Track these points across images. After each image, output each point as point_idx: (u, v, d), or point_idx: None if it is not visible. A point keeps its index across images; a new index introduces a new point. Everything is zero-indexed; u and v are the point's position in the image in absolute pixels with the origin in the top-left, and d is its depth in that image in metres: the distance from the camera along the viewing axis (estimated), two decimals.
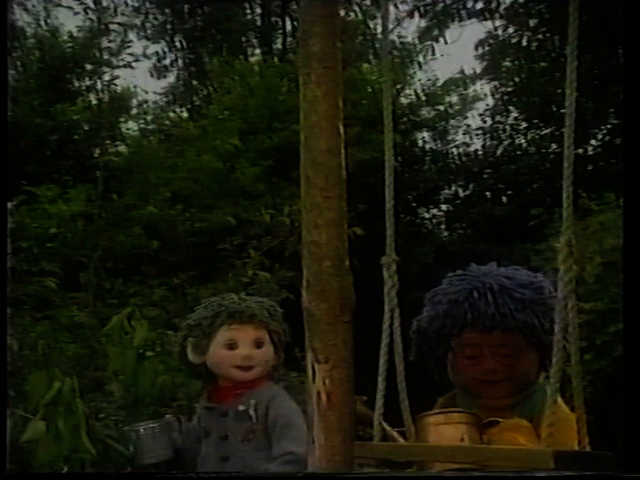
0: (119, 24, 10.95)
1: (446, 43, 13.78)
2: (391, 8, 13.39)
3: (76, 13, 10.24)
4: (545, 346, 2.16)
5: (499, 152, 13.19)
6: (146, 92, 13.68)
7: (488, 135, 13.40)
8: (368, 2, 14.22)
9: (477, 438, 1.92)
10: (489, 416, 2.07)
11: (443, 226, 13.68)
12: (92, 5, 10.49)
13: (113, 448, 3.17)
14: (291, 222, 7.15)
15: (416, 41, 14.36)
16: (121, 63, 10.17)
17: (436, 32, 13.79)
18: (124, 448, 3.11)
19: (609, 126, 11.81)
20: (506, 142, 13.17)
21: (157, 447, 2.97)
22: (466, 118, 14.21)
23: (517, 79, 12.81)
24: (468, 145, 13.65)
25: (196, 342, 3.00)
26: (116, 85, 10.94)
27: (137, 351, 3.60)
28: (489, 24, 13.14)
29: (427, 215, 13.51)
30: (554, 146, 11.99)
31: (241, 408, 2.90)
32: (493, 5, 12.85)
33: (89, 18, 10.99)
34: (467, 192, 13.26)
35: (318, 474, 1.48)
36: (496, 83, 13.28)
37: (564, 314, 1.55)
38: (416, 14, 13.45)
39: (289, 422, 2.82)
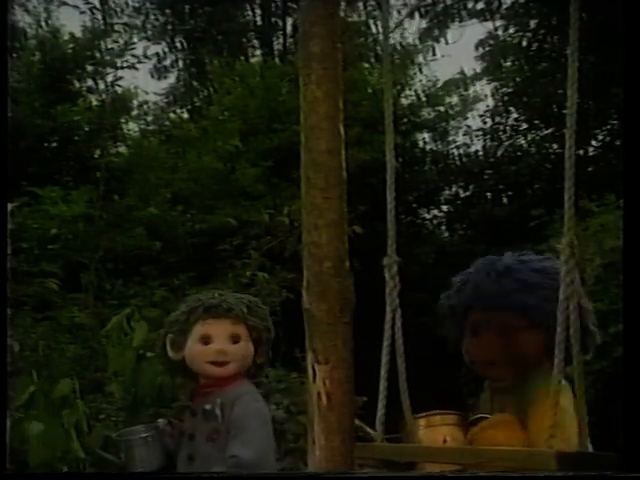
0: (124, 25, 10.94)
1: (447, 43, 13.81)
2: (392, 9, 13.42)
3: (82, 12, 10.23)
4: (550, 331, 2.15)
5: (499, 153, 13.19)
6: (147, 93, 13.69)
7: (488, 136, 13.41)
8: (369, 3, 14.23)
9: (462, 438, 1.92)
10: (499, 400, 2.05)
11: (444, 227, 13.69)
12: (98, 5, 10.49)
13: (104, 458, 3.15)
14: (290, 222, 7.15)
15: (417, 42, 14.38)
16: (124, 64, 10.17)
17: (437, 32, 13.81)
18: (115, 458, 3.08)
19: (609, 127, 11.81)
20: (506, 143, 13.17)
21: (150, 457, 2.90)
22: (466, 119, 14.22)
23: (518, 80, 12.81)
24: (468, 146, 13.66)
25: (174, 338, 2.96)
26: (117, 86, 10.95)
27: (137, 352, 3.60)
28: (490, 25, 13.16)
29: (427, 216, 13.51)
30: (555, 147, 12.00)
31: (207, 407, 2.83)
32: (494, 6, 12.85)
33: (94, 18, 11.00)
34: (467, 193, 13.26)
35: (320, 474, 1.48)
36: (496, 84, 13.29)
37: (566, 315, 1.55)
38: (417, 15, 13.47)
39: (244, 424, 2.74)
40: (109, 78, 10.33)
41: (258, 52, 15.28)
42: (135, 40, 11.82)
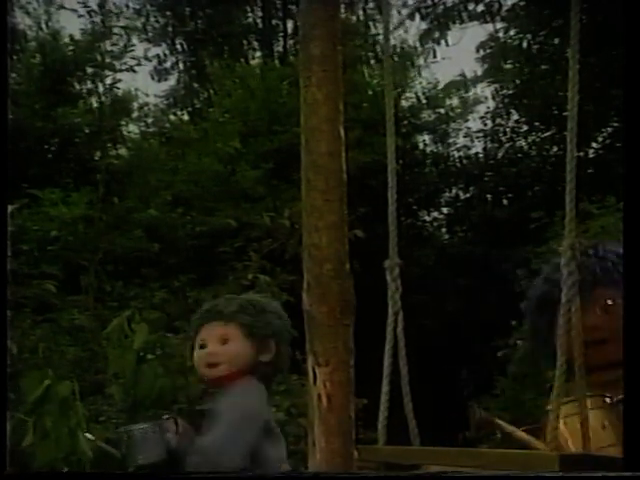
0: (123, 27, 10.95)
1: (447, 45, 13.81)
2: (392, 11, 13.43)
3: (80, 16, 10.25)
4: None
5: (500, 155, 13.20)
6: (147, 95, 13.74)
7: (489, 138, 13.41)
8: (369, 5, 14.25)
9: (618, 422, 1.75)
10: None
11: (444, 229, 13.69)
12: (96, 8, 10.50)
13: (104, 450, 3.16)
14: (291, 224, 7.15)
15: (417, 44, 14.39)
16: (123, 66, 10.18)
17: (437, 35, 13.81)
18: (115, 450, 3.09)
19: (610, 129, 11.81)
20: (507, 145, 13.18)
21: (148, 448, 2.94)
22: (467, 121, 14.23)
23: (518, 82, 12.82)
24: (469, 148, 13.66)
25: (190, 346, 3.07)
26: (117, 88, 10.96)
27: (137, 354, 3.60)
28: (490, 27, 13.17)
29: (428, 218, 13.52)
30: (555, 149, 12.01)
31: (211, 407, 2.90)
32: (494, 8, 12.87)
33: (92, 21, 11.01)
34: (468, 195, 13.27)
35: (324, 474, 1.48)
36: (497, 86, 13.29)
37: (568, 317, 1.55)
38: (417, 16, 13.48)
39: (225, 419, 2.78)
40: (109, 80, 10.35)
41: (258, 54, 15.30)
42: (135, 42, 11.83)
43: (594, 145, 12.00)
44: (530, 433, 1.86)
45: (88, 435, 3.35)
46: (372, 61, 13.45)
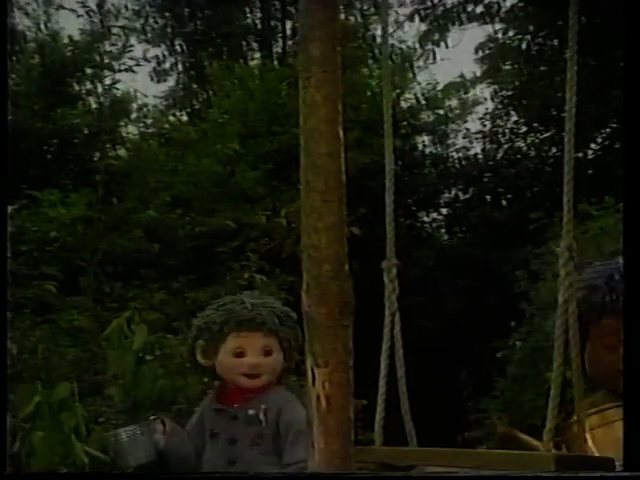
0: (121, 27, 10.95)
1: (446, 47, 13.80)
2: (391, 12, 13.43)
3: (79, 16, 10.25)
4: None
5: (499, 156, 13.20)
6: (146, 96, 13.69)
7: (488, 139, 13.41)
8: (369, 6, 14.25)
9: None
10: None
11: (443, 230, 13.69)
12: (95, 8, 10.50)
13: (93, 456, 3.15)
14: (288, 224, 7.15)
15: (416, 45, 14.38)
16: (122, 67, 10.18)
17: (436, 36, 13.81)
18: (103, 454, 3.09)
19: (609, 130, 11.81)
20: (506, 146, 13.18)
21: (137, 450, 2.93)
22: (466, 122, 14.23)
23: (517, 83, 12.82)
24: (468, 149, 13.66)
25: (205, 346, 3.01)
26: (117, 89, 10.96)
27: (137, 355, 3.61)
28: (489, 28, 13.17)
29: (427, 219, 13.52)
30: (554, 150, 12.01)
31: (251, 412, 2.89)
32: (493, 9, 12.87)
33: (91, 21, 11.01)
34: (467, 196, 13.27)
35: (323, 474, 1.48)
36: (496, 87, 13.29)
37: (565, 319, 1.55)
38: (416, 18, 13.48)
39: (301, 430, 2.76)
40: (108, 81, 10.35)
41: (257, 55, 15.29)
42: (134, 43, 11.85)
43: (593, 146, 12.00)
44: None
45: (76, 442, 3.35)
46: (371, 62, 13.46)
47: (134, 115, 12.94)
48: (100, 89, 10.72)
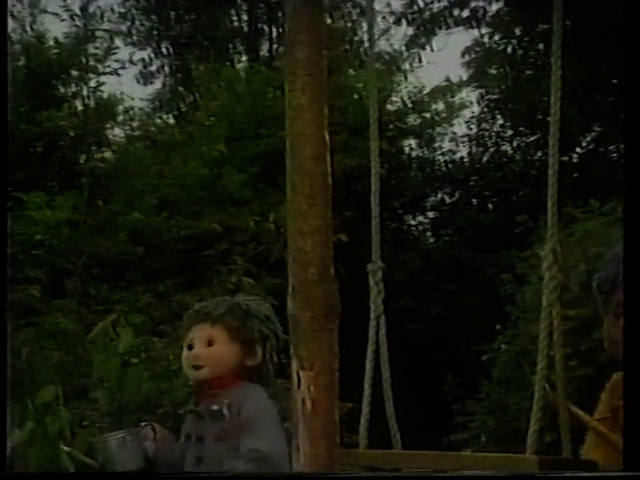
0: (105, 30, 10.93)
1: (432, 51, 13.84)
2: (378, 16, 13.48)
3: (62, 20, 10.22)
4: None
5: (485, 159, 13.24)
6: (132, 98, 13.66)
7: (474, 142, 13.45)
8: (355, 10, 14.27)
9: None
10: None
11: (429, 233, 13.71)
12: (78, 12, 10.47)
13: (80, 461, 3.13)
14: (276, 228, 7.15)
15: (403, 48, 14.42)
16: (107, 70, 10.15)
17: (423, 40, 13.85)
18: (91, 460, 3.06)
19: (593, 134, 11.87)
20: (492, 149, 13.22)
21: (125, 456, 2.91)
22: (452, 125, 14.26)
23: (503, 87, 12.87)
24: (454, 152, 13.70)
25: (181, 347, 3.08)
26: (102, 91, 10.93)
27: (122, 358, 3.59)
28: (475, 32, 13.22)
29: (413, 222, 13.54)
30: (539, 153, 12.05)
31: (215, 408, 2.87)
32: (479, 13, 12.92)
33: (76, 25, 10.97)
34: (453, 199, 13.29)
35: (320, 474, 1.48)
36: (482, 90, 13.34)
37: (549, 321, 1.56)
38: (403, 21, 13.52)
39: (257, 419, 2.78)
40: (93, 83, 10.32)
41: (244, 58, 15.28)
42: (120, 45, 11.83)
43: (578, 150, 12.05)
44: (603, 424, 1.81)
45: (65, 448, 3.33)
46: (358, 65, 13.48)
47: (120, 118, 12.92)
48: (86, 91, 10.70)
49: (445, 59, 19.95)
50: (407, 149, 13.60)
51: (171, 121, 14.05)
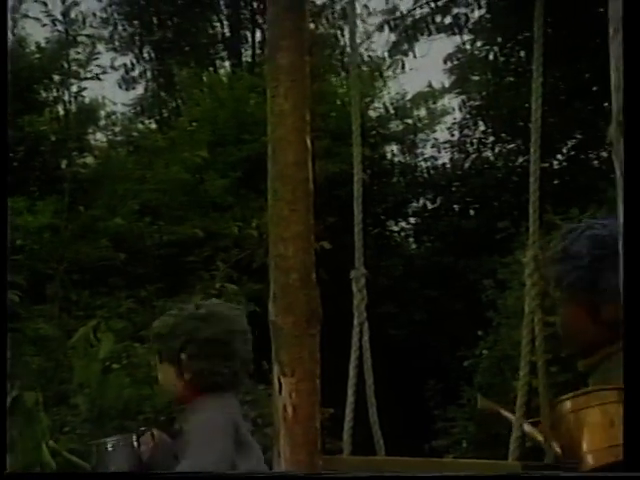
0: (87, 36, 10.87)
1: (415, 57, 13.88)
2: (360, 22, 13.51)
3: (44, 25, 10.16)
4: (595, 305, 2.00)
5: (467, 165, 13.28)
6: (114, 103, 13.63)
7: (456, 148, 13.49)
8: (338, 16, 14.29)
9: None
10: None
11: (411, 239, 13.74)
12: (60, 17, 10.40)
13: (72, 463, 3.12)
14: (259, 235, 7.14)
15: (386, 55, 14.45)
16: (89, 75, 10.11)
17: (405, 46, 13.87)
18: (85, 463, 3.05)
19: (574, 141, 11.94)
20: (474, 155, 13.26)
21: (119, 461, 2.89)
22: (434, 131, 14.29)
23: (485, 93, 12.92)
24: (436, 158, 13.72)
25: None
26: (84, 96, 10.88)
27: (103, 364, 3.57)
28: (458, 39, 13.27)
29: (395, 228, 13.55)
30: (521, 160, 12.10)
31: (177, 427, 2.88)
32: (462, 20, 12.97)
33: (57, 30, 10.91)
34: (435, 205, 13.32)
35: (319, 474, 1.47)
36: (464, 97, 13.38)
37: (530, 328, 1.57)
38: (386, 28, 13.55)
39: (188, 441, 2.74)
40: (75, 88, 10.28)
41: (227, 63, 15.28)
42: (102, 51, 11.77)
43: (559, 157, 12.11)
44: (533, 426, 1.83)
45: (53, 444, 3.31)
46: (341, 71, 13.50)
47: (102, 123, 12.87)
48: (67, 96, 10.64)
49: (427, 66, 20.07)
50: (389, 155, 13.62)
51: (153, 126, 14.01)
